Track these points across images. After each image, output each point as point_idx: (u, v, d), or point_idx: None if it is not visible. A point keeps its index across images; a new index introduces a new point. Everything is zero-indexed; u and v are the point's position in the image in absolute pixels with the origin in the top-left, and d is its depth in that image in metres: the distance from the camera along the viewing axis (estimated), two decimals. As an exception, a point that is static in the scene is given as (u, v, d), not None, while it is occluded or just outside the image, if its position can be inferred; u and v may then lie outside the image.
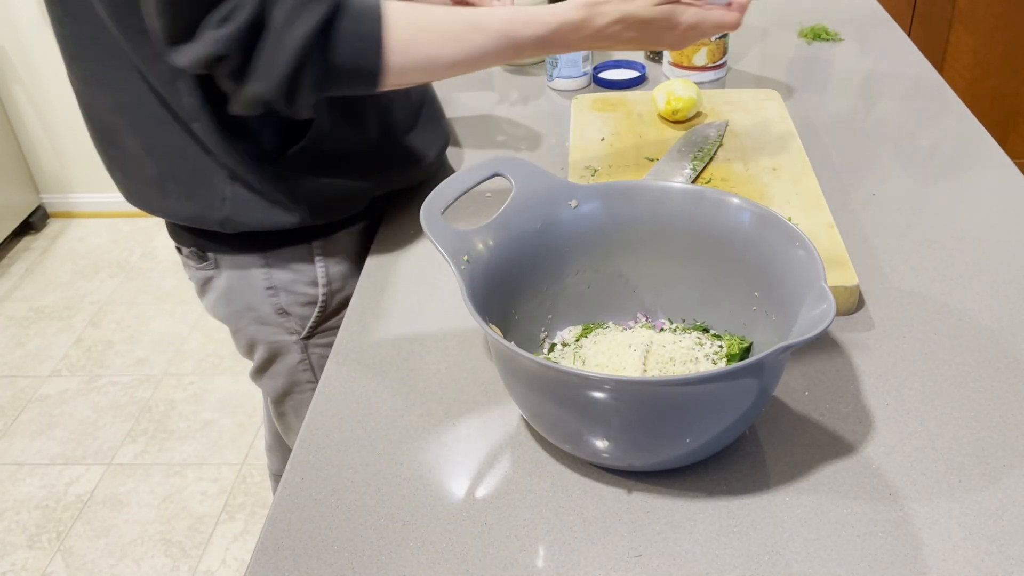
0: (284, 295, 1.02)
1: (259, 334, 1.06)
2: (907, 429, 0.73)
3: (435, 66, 0.82)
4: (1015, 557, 0.62)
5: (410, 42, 0.80)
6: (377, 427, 0.77)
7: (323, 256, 1.02)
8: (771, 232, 0.73)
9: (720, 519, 0.67)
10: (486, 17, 0.81)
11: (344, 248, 1.03)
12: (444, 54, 0.81)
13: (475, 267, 0.71)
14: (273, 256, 1.00)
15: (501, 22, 0.81)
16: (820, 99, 1.26)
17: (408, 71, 0.81)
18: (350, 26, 0.78)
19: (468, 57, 0.82)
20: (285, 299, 1.02)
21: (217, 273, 1.03)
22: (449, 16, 0.81)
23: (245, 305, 1.03)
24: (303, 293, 1.02)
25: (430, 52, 0.81)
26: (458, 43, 0.81)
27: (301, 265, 1.01)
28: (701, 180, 1.03)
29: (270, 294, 1.02)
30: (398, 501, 0.70)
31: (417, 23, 0.80)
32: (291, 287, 1.02)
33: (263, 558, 0.67)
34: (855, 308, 0.86)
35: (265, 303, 1.02)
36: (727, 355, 0.76)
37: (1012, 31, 2.31)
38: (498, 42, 0.81)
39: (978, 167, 1.08)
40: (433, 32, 0.81)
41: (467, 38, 0.81)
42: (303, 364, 1.08)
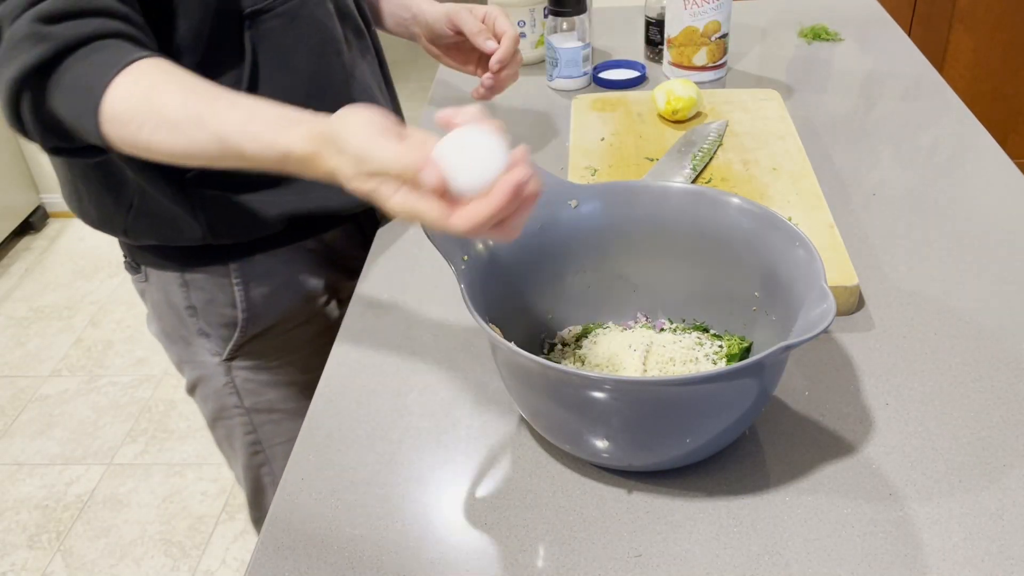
0: (203, 316, 0.99)
1: (184, 354, 1.03)
2: (907, 429, 0.73)
3: (152, 152, 0.72)
4: (1015, 557, 0.62)
5: (129, 122, 0.71)
6: (377, 427, 0.77)
7: (241, 278, 0.97)
8: (771, 232, 0.73)
9: (720, 519, 0.67)
10: (214, 117, 0.69)
11: (268, 271, 0.98)
12: (160, 143, 0.71)
13: (475, 267, 0.71)
14: (191, 274, 0.97)
15: (226, 127, 0.69)
16: (820, 99, 1.26)
17: (129, 149, 0.73)
18: (69, 80, 0.71)
19: (188, 153, 0.71)
20: (204, 320, 0.99)
21: (147, 287, 1.00)
22: (179, 101, 0.70)
23: (170, 323, 1.01)
24: (222, 314, 0.99)
25: (146, 137, 0.71)
26: (178, 135, 0.70)
27: (219, 286, 0.97)
28: (701, 180, 1.03)
29: (189, 313, 0.99)
30: (398, 501, 0.70)
31: (144, 101, 0.70)
32: (209, 308, 0.98)
33: (263, 558, 0.66)
34: (855, 308, 0.86)
35: (186, 322, 0.99)
36: (727, 355, 0.76)
37: (1012, 31, 2.30)
38: (221, 147, 0.69)
39: (978, 167, 1.08)
40: (154, 116, 0.70)
41: (187, 132, 0.70)
42: (228, 387, 1.04)
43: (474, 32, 1.03)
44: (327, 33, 0.93)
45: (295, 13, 0.89)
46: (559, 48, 1.29)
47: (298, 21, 0.89)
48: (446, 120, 0.63)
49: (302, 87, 0.91)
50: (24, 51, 0.71)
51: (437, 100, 1.34)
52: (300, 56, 0.90)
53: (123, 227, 0.92)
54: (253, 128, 0.68)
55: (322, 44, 0.92)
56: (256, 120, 0.68)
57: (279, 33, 0.88)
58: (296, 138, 0.66)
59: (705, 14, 1.25)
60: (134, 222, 0.91)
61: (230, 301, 0.98)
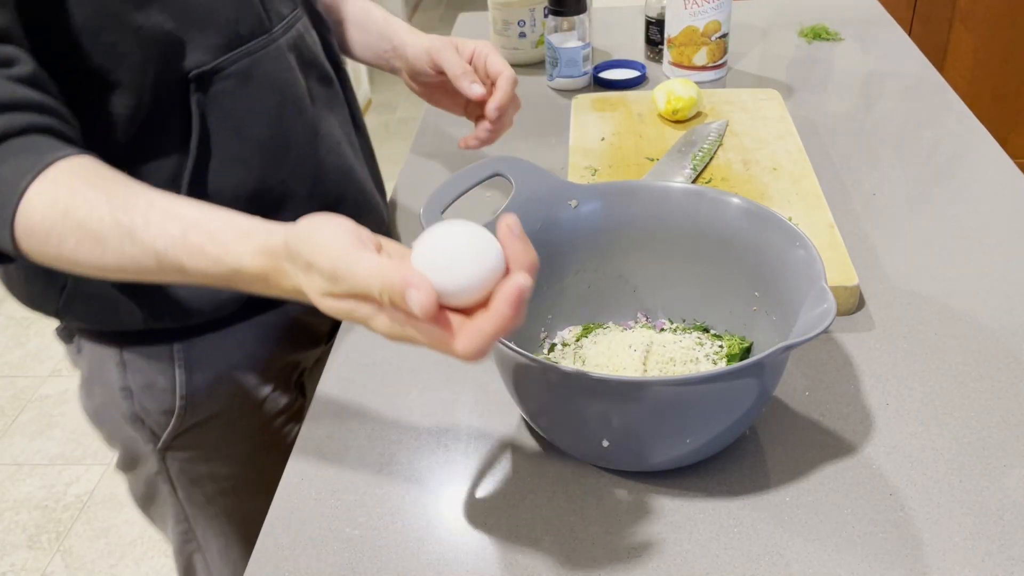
0: (139, 399, 0.88)
1: (116, 433, 0.92)
2: (907, 429, 0.73)
3: (79, 266, 0.64)
4: (1016, 558, 0.62)
5: (47, 236, 0.62)
6: (377, 427, 0.77)
7: (185, 361, 0.87)
8: (771, 232, 0.73)
9: (720, 519, 0.67)
10: (147, 228, 0.60)
11: (216, 353, 0.88)
12: (86, 258, 0.63)
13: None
14: (129, 354, 0.86)
15: (162, 240, 0.60)
16: (820, 99, 1.25)
17: (50, 263, 0.65)
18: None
19: (120, 268, 0.62)
20: (140, 404, 0.88)
21: (80, 359, 0.90)
22: (105, 211, 0.61)
23: (102, 401, 0.90)
24: (160, 400, 0.88)
25: (70, 252, 0.62)
26: (106, 250, 0.61)
27: (159, 370, 0.87)
28: (701, 180, 1.03)
29: (124, 395, 0.88)
30: (397, 502, 0.70)
31: (64, 214, 0.61)
32: (146, 392, 0.87)
33: (263, 558, 0.66)
34: (855, 308, 0.86)
35: (120, 404, 0.88)
36: (727, 355, 0.76)
37: (1013, 31, 2.30)
38: (157, 263, 0.60)
39: (978, 167, 1.08)
40: (77, 229, 0.62)
41: (117, 247, 0.61)
42: (161, 476, 0.93)
43: (457, 74, 0.90)
44: (287, 91, 0.82)
45: (248, 72, 0.78)
46: (559, 48, 1.29)
47: (252, 82, 0.79)
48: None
49: (259, 154, 0.81)
50: None
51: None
52: (256, 120, 0.80)
53: (55, 309, 0.83)
54: (194, 240, 0.59)
55: (281, 105, 0.82)
56: (197, 231, 0.59)
57: (231, 96, 0.77)
58: (247, 253, 0.57)
59: (705, 14, 1.25)
60: (67, 305, 0.82)
61: (170, 386, 0.87)
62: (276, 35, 0.81)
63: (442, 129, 1.25)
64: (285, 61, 0.82)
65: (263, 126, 0.81)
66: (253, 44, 0.78)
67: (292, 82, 0.83)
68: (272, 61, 0.80)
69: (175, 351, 0.86)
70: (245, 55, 0.78)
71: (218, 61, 0.76)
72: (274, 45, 0.80)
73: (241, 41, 0.77)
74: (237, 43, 0.77)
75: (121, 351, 0.86)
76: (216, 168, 0.79)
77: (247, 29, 0.78)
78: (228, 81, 0.77)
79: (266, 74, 0.80)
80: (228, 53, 0.76)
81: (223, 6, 0.76)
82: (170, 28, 0.72)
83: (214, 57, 0.75)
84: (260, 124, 0.80)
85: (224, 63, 0.76)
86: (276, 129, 0.82)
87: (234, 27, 0.77)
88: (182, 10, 0.73)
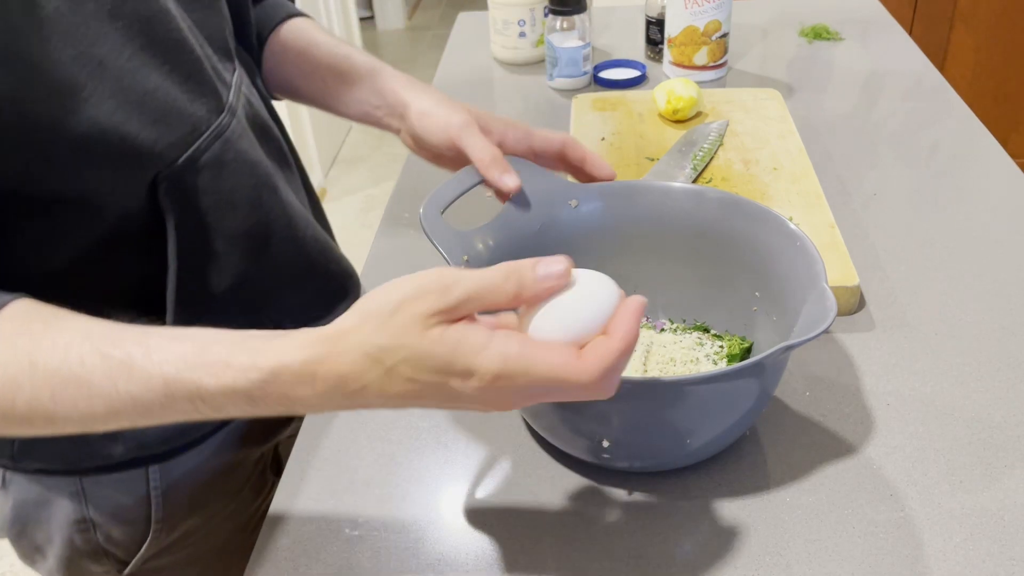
0: (102, 531, 0.77)
1: (58, 566, 0.79)
2: (907, 429, 0.73)
3: (53, 423, 0.53)
4: (1016, 558, 0.62)
5: (15, 394, 0.51)
6: (377, 427, 0.77)
7: (161, 481, 0.76)
8: (771, 232, 0.73)
9: (720, 519, 0.67)
10: (147, 358, 0.50)
11: (193, 470, 0.78)
12: (67, 410, 0.51)
13: (475, 267, 0.71)
14: (91, 483, 0.74)
15: (171, 364, 0.50)
16: (821, 99, 1.25)
17: (12, 430, 0.54)
18: None
19: (111, 413, 0.51)
20: (103, 535, 0.77)
21: (3, 495, 0.76)
22: (88, 350, 0.51)
23: (41, 542, 0.78)
24: (131, 529, 0.77)
25: (46, 406, 0.51)
26: (92, 395, 0.51)
27: (128, 493, 0.75)
28: (701, 180, 1.03)
29: (79, 528, 0.76)
30: (398, 502, 0.70)
31: (32, 361, 0.51)
32: (113, 522, 0.76)
33: (263, 558, 0.66)
34: (855, 308, 0.86)
35: (73, 539, 0.76)
36: (727, 355, 0.76)
37: (1013, 30, 2.30)
38: (165, 392, 0.50)
39: (979, 167, 1.08)
40: (53, 377, 0.51)
41: (108, 388, 0.51)
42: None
43: (486, 163, 0.74)
44: (260, 170, 0.71)
45: (219, 159, 0.65)
46: (559, 47, 1.29)
47: (226, 168, 0.66)
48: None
49: (239, 250, 0.70)
50: None
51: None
52: (236, 211, 0.69)
53: (8, 454, 0.71)
54: (216, 352, 0.50)
55: (256, 188, 0.70)
56: (217, 344, 0.50)
57: (204, 191, 0.65)
58: (290, 346, 0.48)
59: (705, 13, 1.25)
60: (24, 449, 0.70)
61: (143, 514, 0.76)
62: (234, 106, 0.68)
63: (442, 129, 1.25)
64: (248, 139, 0.70)
65: (244, 217, 0.70)
66: (220, 122, 0.66)
67: (258, 159, 0.71)
68: (239, 139, 0.68)
69: (151, 474, 0.75)
70: (215, 137, 0.65)
71: (191, 152, 0.63)
72: (235, 118, 0.68)
73: (208, 122, 0.64)
74: (205, 125, 0.64)
75: (79, 478, 0.74)
76: (201, 275, 0.69)
77: (211, 107, 0.65)
78: (202, 174, 0.64)
79: (238, 156, 0.68)
80: (199, 140, 0.63)
81: (173, 85, 0.62)
82: (119, 125, 0.58)
83: (183, 150, 0.62)
84: (241, 215, 0.69)
85: (196, 151, 0.63)
86: (257, 217, 0.71)
87: (194, 108, 0.63)
88: (126, 102, 0.58)
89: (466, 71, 1.41)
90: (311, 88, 0.88)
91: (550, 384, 0.47)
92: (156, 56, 0.60)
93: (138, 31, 0.59)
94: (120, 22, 0.58)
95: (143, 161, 0.60)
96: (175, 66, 0.61)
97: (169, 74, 0.61)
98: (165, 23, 0.61)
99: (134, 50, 0.59)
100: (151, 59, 0.60)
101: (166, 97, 0.61)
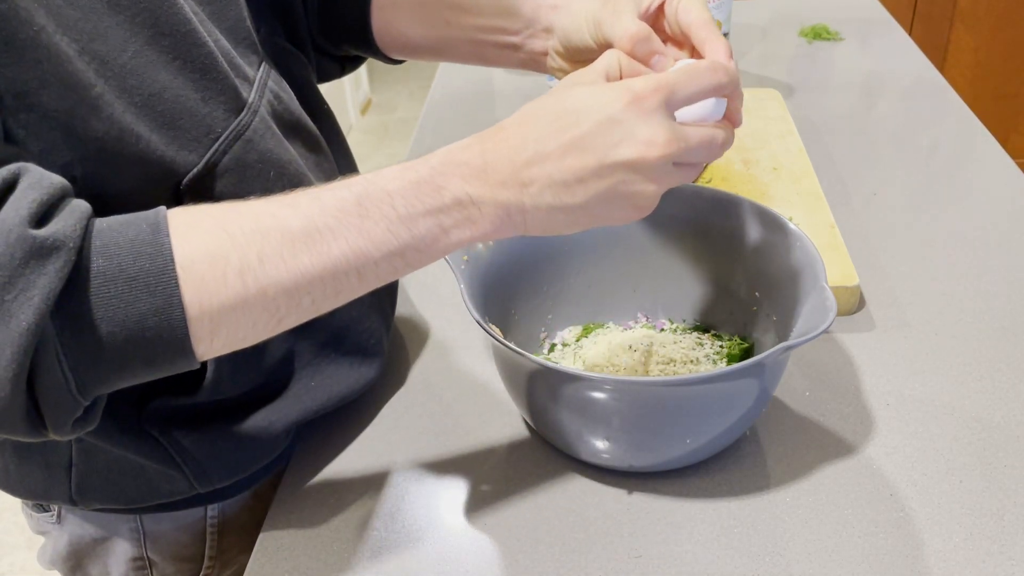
0: (159, 568, 0.75)
1: None
2: (907, 429, 0.73)
3: (266, 296, 0.51)
4: (1016, 558, 0.62)
5: (225, 267, 0.50)
6: (377, 428, 0.77)
7: (218, 520, 0.74)
8: (771, 232, 0.73)
9: (720, 519, 0.67)
10: (329, 190, 0.53)
11: (247, 506, 0.76)
12: (278, 272, 0.51)
13: (475, 267, 0.71)
14: (150, 520, 0.73)
15: (356, 184, 0.53)
16: (820, 99, 1.25)
17: (233, 325, 0.52)
18: (100, 284, 0.47)
19: (318, 257, 0.52)
20: (160, 572, 0.76)
21: (58, 530, 0.75)
22: (270, 208, 0.53)
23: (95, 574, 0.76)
24: (184, 563, 0.76)
25: (256, 273, 0.51)
26: (296, 247, 0.51)
27: (187, 531, 0.74)
28: (701, 180, 1.03)
29: (137, 566, 0.75)
30: (397, 502, 0.70)
31: (228, 232, 0.51)
32: (169, 558, 0.75)
33: (263, 558, 0.66)
34: (855, 308, 0.86)
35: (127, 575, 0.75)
36: (727, 355, 0.76)
37: (1013, 30, 2.30)
38: (359, 212, 0.52)
39: (979, 167, 1.08)
40: (254, 236, 0.51)
41: (317, 224, 0.52)
42: None
43: (625, 44, 0.63)
44: (286, 170, 0.65)
45: (241, 161, 0.61)
46: (559, 48, 1.29)
47: (250, 171, 0.62)
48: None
49: None
50: (33, 275, 0.45)
51: (436, 100, 1.34)
52: None
53: (67, 496, 0.67)
54: (389, 169, 0.53)
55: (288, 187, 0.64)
56: (378, 175, 0.53)
57: (229, 196, 0.59)
58: (457, 146, 0.55)
59: (705, 14, 1.25)
60: (81, 487, 0.66)
61: (199, 550, 0.75)
62: (255, 104, 0.64)
63: (442, 129, 1.25)
64: (273, 134, 0.65)
65: None
66: (239, 123, 0.61)
67: (288, 158, 0.66)
68: (261, 138, 0.63)
69: (208, 511, 0.74)
70: (234, 138, 0.61)
71: (209, 156, 0.59)
72: (258, 117, 0.63)
73: (225, 123, 0.60)
74: (222, 127, 0.60)
75: (139, 517, 0.73)
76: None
77: (228, 106, 0.61)
78: (225, 179, 0.60)
79: (261, 156, 0.63)
80: (216, 143, 0.59)
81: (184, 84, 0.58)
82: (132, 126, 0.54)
83: (201, 155, 0.58)
84: None
85: (215, 156, 0.59)
86: None
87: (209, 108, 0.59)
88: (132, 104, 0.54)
89: (466, 72, 1.41)
90: (435, 35, 0.80)
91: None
92: (163, 53, 0.56)
93: (141, 24, 0.54)
94: (121, 15, 0.53)
95: (163, 167, 0.56)
96: (185, 63, 0.57)
97: (179, 72, 0.57)
98: (172, 15, 0.56)
99: (138, 47, 0.54)
100: (158, 56, 0.55)
101: (176, 98, 0.57)
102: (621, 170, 0.52)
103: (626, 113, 0.52)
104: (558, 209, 0.54)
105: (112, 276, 0.47)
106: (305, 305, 0.53)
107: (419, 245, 0.53)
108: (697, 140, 0.54)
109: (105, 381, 0.50)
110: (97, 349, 0.48)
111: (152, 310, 0.48)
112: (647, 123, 0.52)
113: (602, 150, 0.52)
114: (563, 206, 0.53)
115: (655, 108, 0.52)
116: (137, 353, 0.49)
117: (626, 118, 0.52)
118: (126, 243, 0.48)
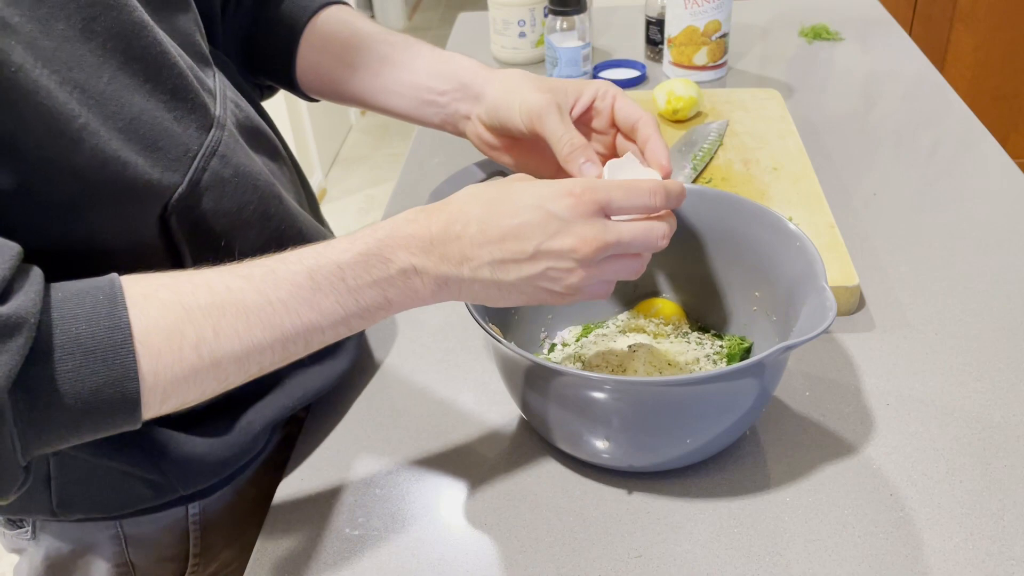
0: (143, 570, 0.75)
1: None
2: (907, 429, 0.73)
3: (219, 366, 0.53)
4: (1016, 558, 0.62)
5: (181, 341, 0.51)
6: (377, 428, 0.77)
7: (200, 518, 0.75)
8: (771, 232, 0.73)
9: (721, 519, 0.67)
10: (283, 263, 0.56)
11: (229, 503, 0.76)
12: (231, 344, 0.53)
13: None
14: (131, 524, 0.73)
15: (308, 259, 0.56)
16: (820, 99, 1.25)
17: (186, 391, 0.53)
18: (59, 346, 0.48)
19: (272, 331, 0.55)
20: (143, 574, 0.76)
21: (34, 546, 0.74)
22: (225, 281, 0.54)
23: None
24: (168, 563, 0.76)
25: (211, 345, 0.52)
26: (249, 318, 0.54)
27: (168, 531, 0.74)
28: (701, 180, 1.03)
29: (121, 572, 0.75)
30: (397, 502, 0.70)
31: (183, 306, 0.52)
32: (152, 560, 0.75)
33: (263, 558, 0.66)
34: (855, 308, 0.86)
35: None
36: (727, 355, 0.76)
37: (1013, 30, 2.30)
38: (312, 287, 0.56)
39: (979, 167, 1.08)
40: (210, 310, 0.52)
41: (262, 304, 0.54)
42: None
43: (564, 153, 0.70)
44: (262, 180, 0.66)
45: (219, 177, 0.61)
46: (559, 48, 1.29)
47: (228, 186, 0.62)
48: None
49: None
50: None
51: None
52: (249, 229, 0.65)
53: (49, 508, 0.66)
54: (340, 239, 0.57)
55: (263, 200, 0.66)
56: (328, 247, 0.57)
57: (212, 214, 0.62)
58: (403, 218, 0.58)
59: (705, 13, 1.25)
60: (63, 498, 0.66)
61: (182, 549, 0.75)
62: (222, 118, 0.63)
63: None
64: (241, 147, 0.65)
65: (255, 235, 0.66)
66: (212, 139, 0.61)
67: (256, 169, 0.66)
68: (234, 152, 0.63)
69: (190, 510, 0.74)
70: (210, 155, 0.61)
71: (191, 175, 0.59)
72: (226, 131, 0.63)
73: (200, 141, 0.60)
74: (197, 144, 0.60)
75: (119, 523, 0.73)
76: None
77: (200, 124, 0.60)
78: (208, 195, 0.61)
79: (236, 170, 0.63)
80: (195, 161, 0.59)
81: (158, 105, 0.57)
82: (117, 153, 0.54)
83: (183, 174, 0.58)
84: (252, 233, 0.66)
85: (196, 174, 0.59)
86: (269, 232, 0.68)
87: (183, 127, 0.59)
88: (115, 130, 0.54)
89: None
90: (359, 81, 0.82)
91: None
92: (136, 75, 0.56)
93: (112, 49, 0.54)
94: (93, 42, 0.53)
95: (149, 191, 0.57)
96: (157, 84, 0.57)
97: (152, 94, 0.57)
98: (142, 37, 0.56)
99: (112, 72, 0.54)
100: (131, 79, 0.55)
101: (153, 120, 0.56)
102: (552, 258, 0.58)
103: (565, 211, 0.57)
104: (492, 285, 0.59)
105: (70, 350, 0.48)
106: (253, 371, 0.56)
107: (363, 313, 0.58)
108: (631, 236, 0.59)
109: (48, 445, 0.50)
110: (48, 419, 0.48)
111: (108, 382, 0.49)
112: (581, 221, 0.57)
113: (539, 239, 0.57)
114: (497, 282, 0.59)
115: (590, 210, 0.58)
116: (86, 420, 0.50)
117: (564, 215, 0.57)
118: (84, 316, 0.49)
